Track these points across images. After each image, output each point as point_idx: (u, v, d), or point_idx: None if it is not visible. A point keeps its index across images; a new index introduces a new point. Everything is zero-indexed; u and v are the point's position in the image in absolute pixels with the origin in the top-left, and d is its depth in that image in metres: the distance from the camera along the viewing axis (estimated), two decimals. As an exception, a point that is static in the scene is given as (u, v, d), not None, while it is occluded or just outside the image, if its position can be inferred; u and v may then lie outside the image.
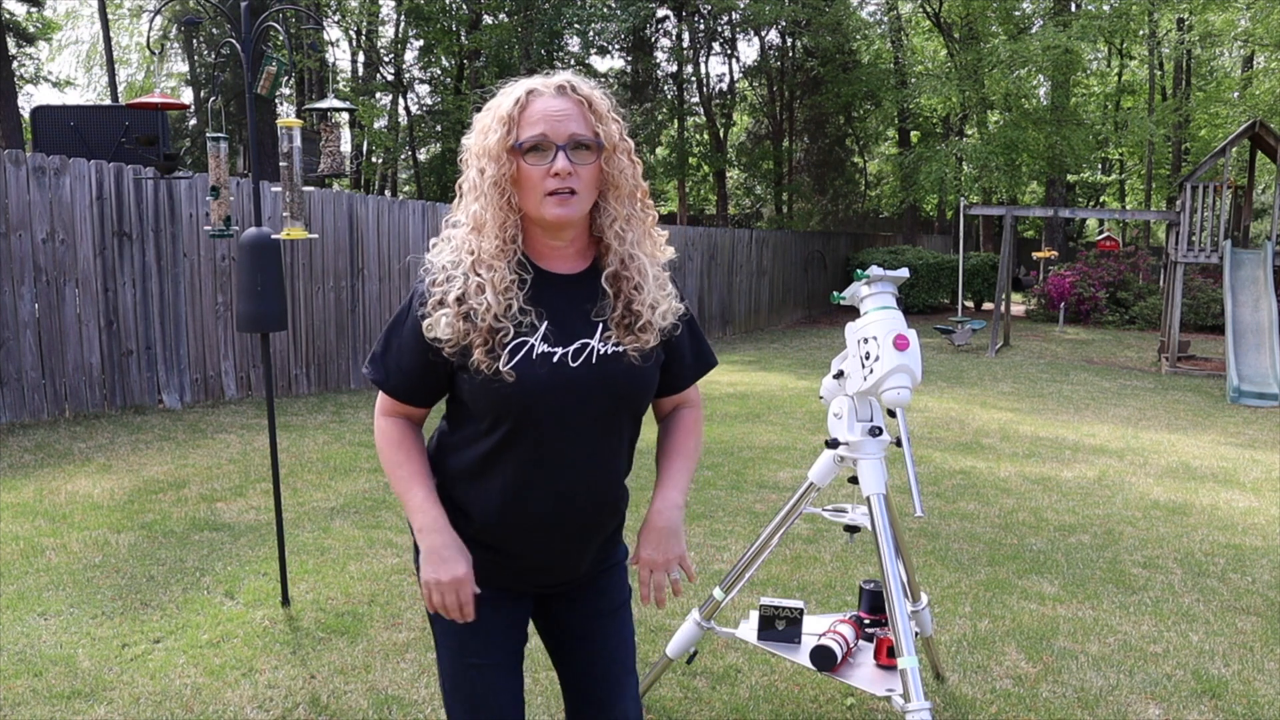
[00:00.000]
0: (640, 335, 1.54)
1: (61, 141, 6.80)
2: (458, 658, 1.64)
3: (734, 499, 5.10)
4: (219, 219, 3.49)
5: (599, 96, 1.50)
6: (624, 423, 1.59)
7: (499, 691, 1.64)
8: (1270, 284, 10.83)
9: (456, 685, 1.65)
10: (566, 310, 1.53)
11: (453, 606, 1.55)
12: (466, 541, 1.59)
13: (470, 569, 1.56)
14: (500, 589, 1.64)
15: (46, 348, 6.44)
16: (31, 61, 24.31)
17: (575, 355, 1.51)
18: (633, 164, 1.54)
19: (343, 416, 7.14)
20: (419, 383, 1.56)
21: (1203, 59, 24.86)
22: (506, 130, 1.46)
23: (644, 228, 1.58)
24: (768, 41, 23.49)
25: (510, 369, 1.47)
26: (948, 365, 11.47)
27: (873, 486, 2.19)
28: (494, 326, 1.47)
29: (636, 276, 1.54)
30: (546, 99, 1.46)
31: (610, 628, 1.73)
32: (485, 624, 1.63)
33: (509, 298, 1.48)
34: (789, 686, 2.95)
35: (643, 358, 1.55)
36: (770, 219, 26.58)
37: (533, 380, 1.48)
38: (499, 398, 1.48)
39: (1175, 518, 4.96)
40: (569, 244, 1.55)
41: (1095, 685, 3.01)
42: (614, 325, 1.53)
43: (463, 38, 18.69)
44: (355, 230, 8.41)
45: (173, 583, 3.67)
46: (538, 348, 1.49)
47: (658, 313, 1.55)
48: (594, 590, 1.72)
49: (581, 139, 1.46)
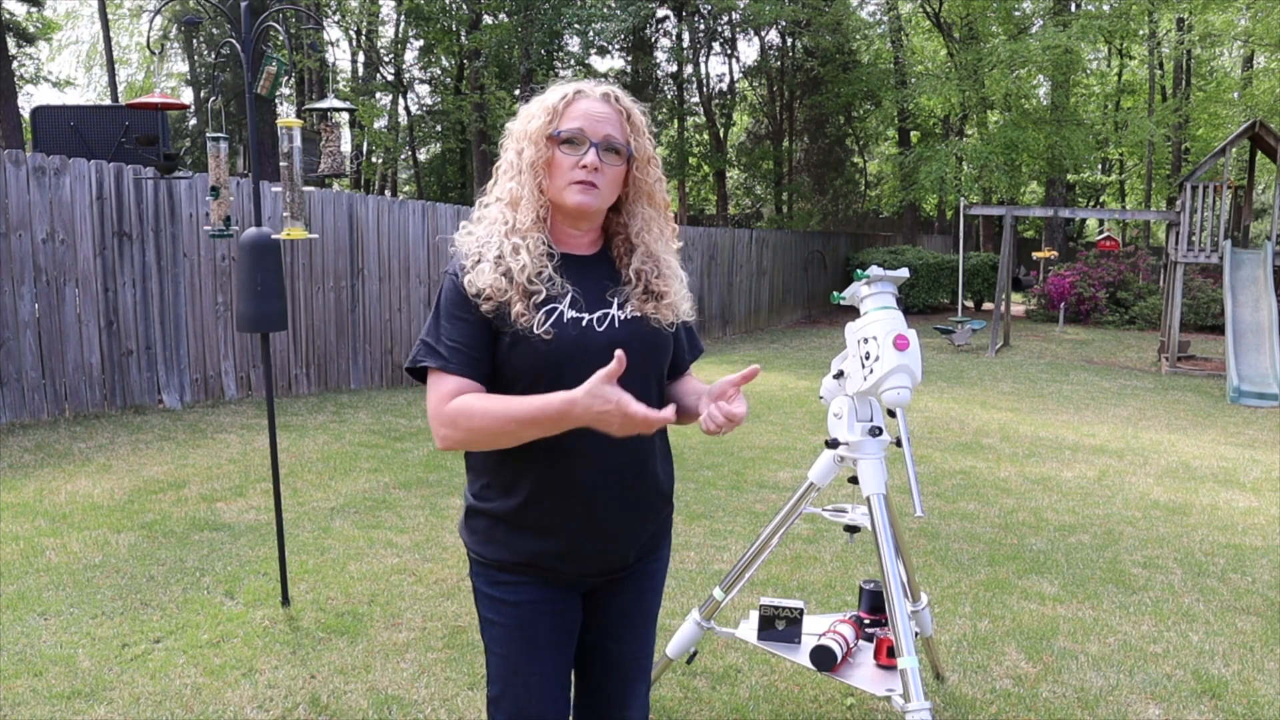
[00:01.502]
0: (664, 310, 1.65)
1: (61, 141, 6.80)
2: (506, 664, 1.65)
3: (734, 499, 5.10)
4: (219, 219, 3.49)
5: (638, 112, 1.64)
6: (652, 385, 1.65)
7: (544, 700, 1.65)
8: (1270, 284, 10.83)
9: (503, 693, 1.66)
10: (587, 284, 1.62)
11: (634, 415, 1.41)
12: (514, 528, 1.61)
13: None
14: (547, 587, 1.64)
15: (46, 348, 6.44)
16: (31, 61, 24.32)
17: (600, 321, 1.60)
18: (661, 179, 1.69)
19: (343, 416, 7.14)
20: (478, 352, 1.56)
21: (1203, 59, 24.87)
22: (549, 119, 1.58)
23: (667, 234, 1.72)
24: (768, 41, 23.51)
25: (548, 327, 1.54)
26: (948, 365, 11.47)
27: (873, 486, 2.19)
28: (529, 287, 1.55)
29: (660, 268, 1.67)
30: (591, 101, 1.60)
31: (641, 634, 1.77)
32: (535, 631, 1.64)
33: (542, 263, 1.57)
34: (789, 686, 2.95)
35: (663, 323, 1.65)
36: (770, 219, 26.59)
37: (567, 340, 1.55)
38: (536, 357, 1.54)
39: (1175, 518, 4.96)
40: (584, 234, 1.65)
41: (1095, 685, 3.01)
42: (633, 298, 1.64)
43: (463, 38, 18.68)
44: (355, 230, 8.40)
45: (173, 583, 3.67)
46: (567, 313, 1.57)
47: (676, 296, 1.68)
48: (636, 591, 1.74)
49: (614, 142, 1.59)
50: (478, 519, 1.67)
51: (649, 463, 1.66)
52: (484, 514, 1.65)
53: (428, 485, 5.21)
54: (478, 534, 1.67)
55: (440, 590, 3.66)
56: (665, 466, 1.72)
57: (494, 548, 1.64)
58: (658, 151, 1.71)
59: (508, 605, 1.64)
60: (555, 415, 1.45)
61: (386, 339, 8.77)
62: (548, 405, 1.45)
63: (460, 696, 2.84)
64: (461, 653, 3.12)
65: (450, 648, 3.16)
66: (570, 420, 1.45)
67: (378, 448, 6.10)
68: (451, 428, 1.51)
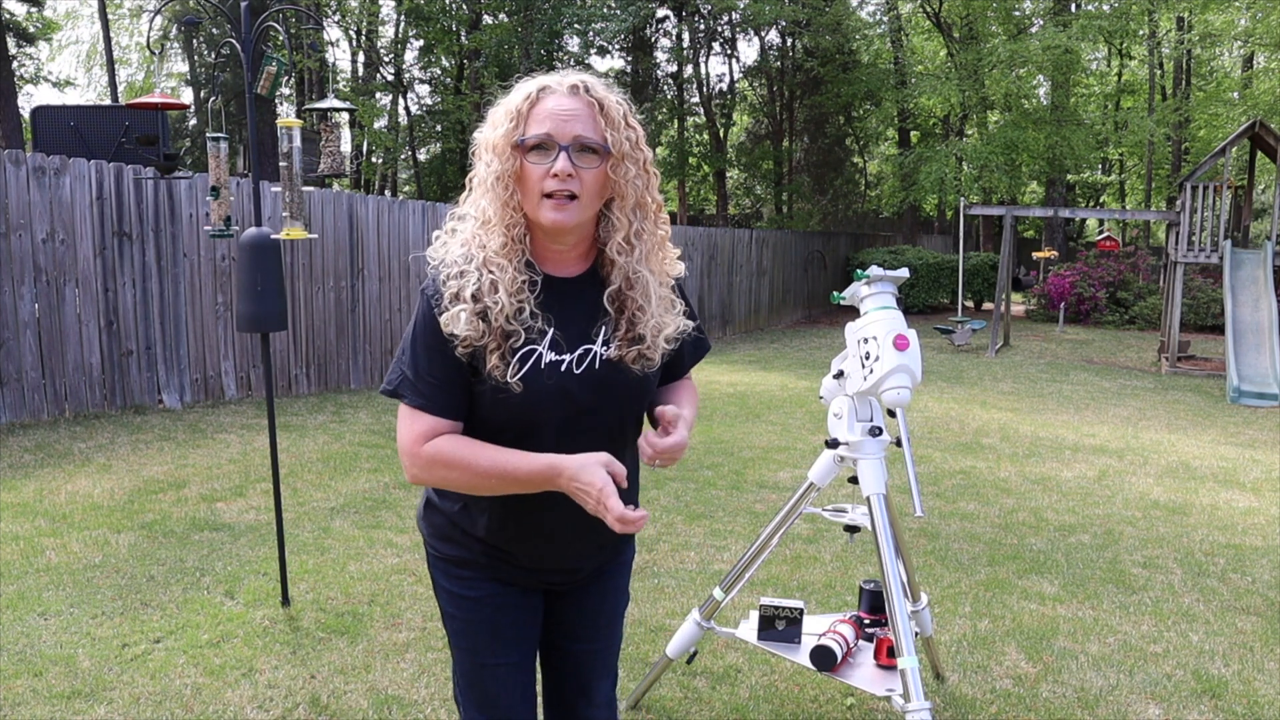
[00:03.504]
0: (644, 354, 1.51)
1: (61, 141, 6.80)
2: (470, 657, 1.65)
3: (734, 499, 5.10)
4: (219, 219, 3.49)
5: (613, 101, 1.45)
6: (628, 426, 1.59)
7: (511, 690, 1.65)
8: (1270, 284, 10.82)
9: (470, 684, 1.66)
10: (571, 314, 1.50)
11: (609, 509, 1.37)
12: (471, 538, 1.59)
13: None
14: (508, 585, 1.64)
15: (46, 348, 6.44)
16: (31, 61, 24.32)
17: (579, 362, 1.48)
18: (645, 175, 1.49)
19: (343, 416, 7.14)
20: (458, 390, 1.48)
21: (1203, 59, 24.86)
22: (514, 125, 1.43)
23: (654, 242, 1.53)
24: (768, 41, 23.49)
25: (519, 379, 1.44)
26: (948, 365, 11.47)
27: (873, 486, 2.19)
28: (506, 329, 1.43)
29: (640, 299, 1.50)
30: (558, 97, 1.43)
31: (607, 632, 1.76)
32: (496, 625, 1.63)
33: (520, 299, 1.45)
34: (789, 686, 2.95)
35: (644, 369, 1.53)
36: (770, 219, 26.59)
37: (539, 391, 1.45)
38: (506, 408, 1.46)
39: (1175, 518, 4.96)
40: (571, 248, 1.50)
41: (1095, 685, 3.01)
42: (616, 339, 1.50)
43: (463, 38, 18.69)
44: (355, 230, 8.41)
45: (173, 583, 3.67)
46: (545, 356, 1.46)
47: (662, 335, 1.52)
48: (599, 593, 1.73)
49: (587, 141, 1.41)
50: (436, 514, 1.63)
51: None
52: (443, 513, 1.62)
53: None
54: (436, 529, 1.64)
55: (440, 590, 3.66)
56: (631, 496, 1.60)
57: (450, 546, 1.62)
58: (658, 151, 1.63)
59: (467, 600, 1.62)
60: (538, 481, 1.42)
61: (386, 339, 8.77)
62: (532, 470, 1.41)
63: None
64: (461, 653, 3.12)
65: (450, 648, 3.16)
66: (550, 486, 1.41)
67: (378, 448, 6.10)
68: (425, 471, 1.47)
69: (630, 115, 1.47)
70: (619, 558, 1.75)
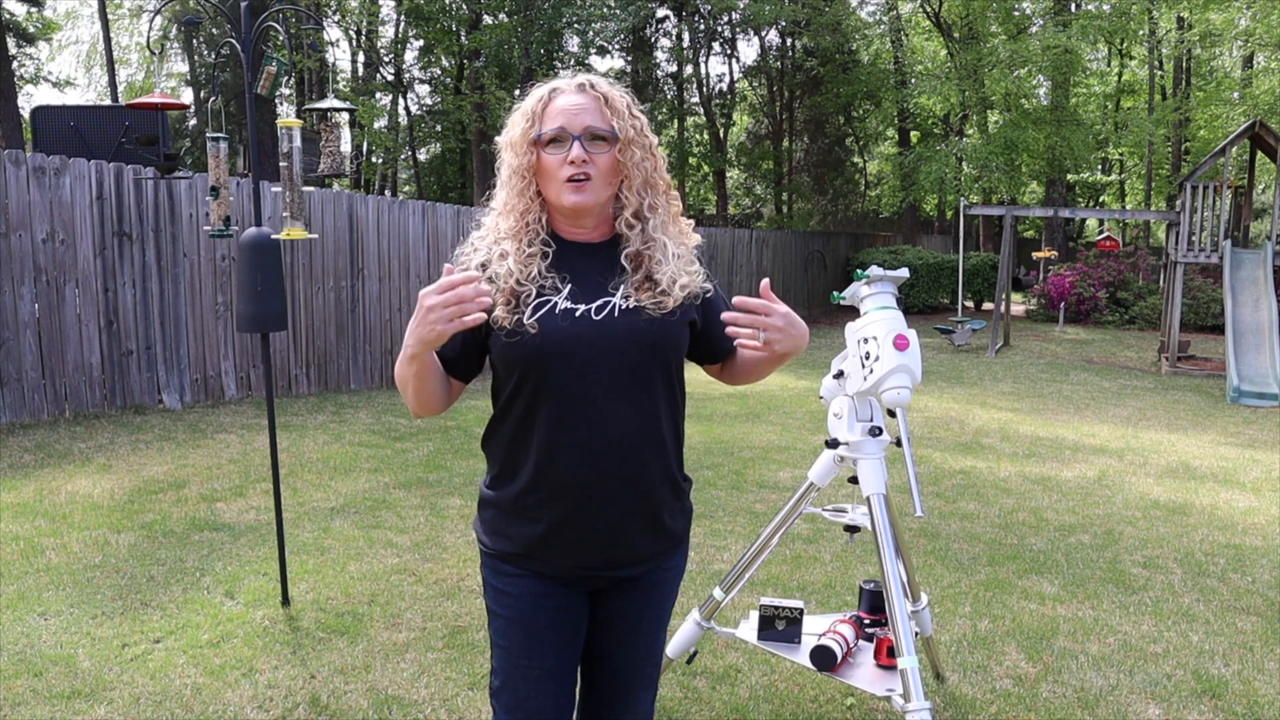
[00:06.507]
0: (660, 298, 1.60)
1: (61, 141, 6.80)
2: (506, 656, 1.66)
3: (734, 499, 5.10)
4: (219, 219, 3.49)
5: (616, 94, 1.61)
6: (655, 378, 1.60)
7: (541, 695, 1.64)
8: (1270, 284, 10.82)
9: (504, 684, 1.66)
10: (588, 273, 1.61)
11: (443, 298, 1.40)
12: (513, 516, 1.63)
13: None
14: (548, 581, 1.64)
15: (46, 348, 6.44)
16: (31, 61, 24.30)
17: (598, 310, 1.58)
18: (652, 157, 1.63)
19: (343, 416, 7.14)
20: (460, 351, 1.62)
21: (1203, 59, 24.84)
22: (530, 124, 1.59)
23: (667, 215, 1.67)
24: (767, 41, 23.51)
25: (534, 321, 1.55)
26: (948, 365, 11.47)
27: (873, 486, 2.19)
28: (515, 290, 1.57)
29: (658, 254, 1.63)
30: (567, 95, 1.59)
31: (648, 641, 1.75)
32: (534, 624, 1.63)
33: (530, 265, 1.58)
34: (789, 686, 2.95)
35: (664, 313, 1.60)
36: (770, 219, 26.59)
37: (555, 332, 1.55)
38: (524, 351, 1.55)
39: (1175, 518, 4.96)
40: (592, 230, 1.65)
41: (1095, 685, 3.02)
42: (634, 288, 1.61)
43: (463, 38, 18.68)
44: (355, 230, 8.40)
45: (173, 583, 3.67)
46: (561, 305, 1.57)
47: (678, 284, 1.62)
48: (643, 598, 1.71)
49: (597, 130, 1.57)
50: (487, 509, 1.70)
51: (644, 454, 1.60)
52: (492, 504, 1.68)
53: (428, 485, 5.20)
54: (486, 524, 1.70)
55: (440, 590, 3.66)
56: (660, 459, 1.62)
57: (498, 539, 1.66)
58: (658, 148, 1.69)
59: (509, 597, 1.65)
60: (409, 348, 1.47)
61: (386, 339, 8.77)
62: (405, 346, 1.51)
63: (460, 696, 2.84)
64: (461, 653, 3.12)
65: (450, 648, 3.16)
66: (417, 347, 1.45)
67: (378, 448, 6.10)
68: (401, 388, 1.61)
69: (634, 106, 1.63)
70: (670, 558, 1.72)
